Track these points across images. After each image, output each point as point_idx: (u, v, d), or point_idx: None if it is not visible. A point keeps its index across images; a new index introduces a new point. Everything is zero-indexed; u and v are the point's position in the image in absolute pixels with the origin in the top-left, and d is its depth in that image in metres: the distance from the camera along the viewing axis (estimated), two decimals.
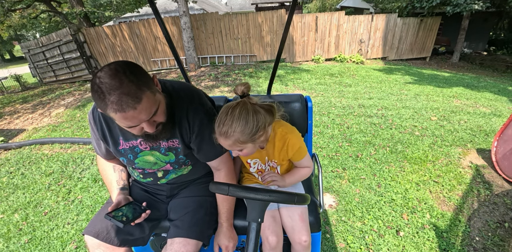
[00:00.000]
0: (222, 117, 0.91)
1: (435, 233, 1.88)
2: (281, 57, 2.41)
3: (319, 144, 3.24)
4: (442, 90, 5.66)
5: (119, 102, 0.73)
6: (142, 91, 0.77)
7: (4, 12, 8.63)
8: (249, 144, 0.94)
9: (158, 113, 0.87)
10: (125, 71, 0.76)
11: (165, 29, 1.36)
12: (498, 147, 2.68)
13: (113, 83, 0.73)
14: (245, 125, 0.89)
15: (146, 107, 0.79)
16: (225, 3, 21.74)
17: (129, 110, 0.75)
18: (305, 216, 1.13)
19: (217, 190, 0.78)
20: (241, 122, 0.88)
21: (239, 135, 0.89)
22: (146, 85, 0.79)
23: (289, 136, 1.08)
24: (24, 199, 2.58)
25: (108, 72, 0.74)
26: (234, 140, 0.90)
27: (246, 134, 0.90)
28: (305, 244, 1.08)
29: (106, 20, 14.41)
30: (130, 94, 0.74)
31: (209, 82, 6.71)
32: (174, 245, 1.01)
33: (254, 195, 0.75)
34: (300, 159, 1.13)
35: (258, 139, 0.95)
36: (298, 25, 8.37)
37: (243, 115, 0.89)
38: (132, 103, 0.74)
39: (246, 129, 0.89)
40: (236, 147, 0.94)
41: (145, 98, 0.77)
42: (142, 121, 0.82)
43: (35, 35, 29.78)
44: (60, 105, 6.24)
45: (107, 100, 0.73)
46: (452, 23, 10.12)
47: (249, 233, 0.80)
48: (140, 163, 1.09)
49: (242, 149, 0.96)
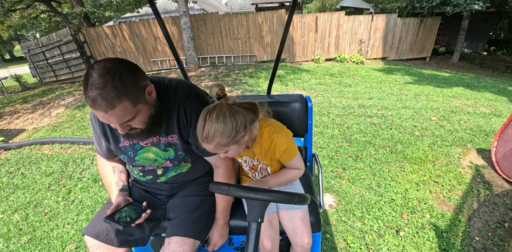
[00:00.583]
0: (201, 122, 0.90)
1: (435, 233, 1.88)
2: (281, 57, 2.41)
3: (319, 144, 3.24)
4: (442, 90, 5.66)
5: (93, 101, 0.76)
6: (120, 99, 0.78)
7: (4, 12, 8.63)
8: (232, 146, 0.92)
9: (134, 122, 0.89)
10: (115, 75, 0.77)
11: (165, 29, 1.36)
12: (498, 147, 2.68)
13: (98, 81, 0.75)
14: (224, 127, 0.87)
15: (118, 114, 0.81)
16: (225, 3, 21.74)
17: (100, 111, 0.78)
18: (307, 219, 1.13)
19: (217, 190, 0.78)
20: (219, 125, 0.87)
21: (219, 139, 0.88)
22: (129, 95, 0.80)
23: (275, 136, 1.03)
24: (24, 199, 2.59)
25: (101, 68, 0.77)
26: (216, 144, 0.89)
27: (226, 137, 0.88)
28: (307, 246, 1.08)
29: (106, 20, 14.43)
30: (106, 99, 0.76)
31: (209, 82, 6.71)
32: (171, 245, 1.01)
33: (254, 195, 0.75)
34: (289, 160, 1.08)
35: (241, 140, 0.93)
36: (298, 25, 8.37)
37: (220, 118, 0.87)
38: (105, 107, 0.77)
39: (226, 132, 0.87)
40: (220, 150, 0.93)
41: (120, 107, 0.79)
42: (112, 123, 0.84)
43: (35, 35, 29.80)
44: (60, 105, 6.24)
45: (87, 92, 0.77)
46: (452, 23, 10.13)
47: (249, 233, 0.81)
48: (140, 160, 1.10)
49: (227, 151, 0.94)
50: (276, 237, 1.11)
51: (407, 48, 9.49)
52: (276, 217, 1.17)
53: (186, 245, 1.01)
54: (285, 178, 1.13)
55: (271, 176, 1.13)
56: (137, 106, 0.85)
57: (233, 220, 1.21)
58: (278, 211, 1.17)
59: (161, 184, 1.19)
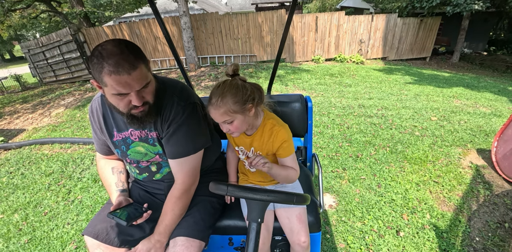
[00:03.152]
0: (214, 90, 0.98)
1: (435, 234, 1.88)
2: (281, 57, 2.41)
3: (319, 144, 3.24)
4: (442, 90, 5.66)
5: (116, 65, 0.80)
6: (138, 62, 0.85)
7: (4, 12, 8.63)
8: (239, 115, 0.98)
9: (148, 90, 0.92)
10: (127, 45, 0.85)
11: (165, 29, 1.36)
12: (498, 147, 2.68)
13: (115, 49, 0.81)
14: (236, 93, 0.95)
15: (139, 77, 0.85)
16: (225, 3, 21.74)
17: (124, 74, 0.81)
18: (304, 217, 1.12)
19: (216, 190, 0.78)
20: (232, 90, 0.95)
21: (231, 103, 0.94)
22: (143, 60, 0.87)
23: (277, 128, 1.08)
24: (24, 199, 2.58)
25: (111, 42, 0.84)
26: (226, 109, 0.95)
27: (237, 103, 0.95)
28: (304, 245, 1.07)
29: (106, 20, 14.43)
30: (128, 61, 0.82)
31: (209, 82, 6.71)
32: (177, 247, 1.00)
33: (253, 195, 0.75)
34: (286, 156, 1.09)
35: (249, 112, 0.99)
36: (298, 25, 8.37)
37: (233, 86, 0.96)
38: (128, 68, 0.81)
39: (237, 97, 0.95)
40: (227, 117, 0.97)
41: (140, 69, 0.85)
42: (133, 89, 0.86)
43: (35, 35, 29.78)
44: (60, 105, 6.24)
45: (105, 62, 0.80)
46: (452, 23, 10.12)
47: (249, 233, 0.80)
48: (132, 155, 1.11)
49: (233, 120, 0.98)
50: (267, 235, 1.11)
51: (407, 48, 9.48)
52: (270, 215, 1.16)
53: (193, 247, 1.01)
54: (284, 173, 1.08)
55: (276, 165, 1.08)
56: (149, 72, 0.91)
57: (233, 220, 1.20)
58: (275, 210, 1.17)
59: (158, 183, 1.19)
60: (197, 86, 6.47)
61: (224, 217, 1.22)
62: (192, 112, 1.05)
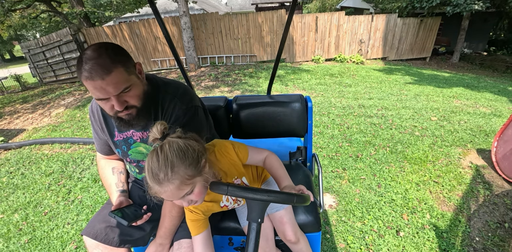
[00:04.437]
0: (152, 160, 0.74)
1: (435, 233, 1.88)
2: (281, 57, 2.41)
3: (319, 144, 3.24)
4: (442, 90, 5.66)
5: (90, 70, 0.79)
6: (114, 65, 0.82)
7: (4, 12, 8.63)
8: (197, 178, 0.78)
9: (130, 94, 0.89)
10: (108, 48, 0.84)
11: (165, 29, 1.36)
12: (498, 148, 2.68)
13: (92, 54, 0.81)
14: (184, 155, 0.74)
15: (115, 81, 0.83)
16: (225, 3, 21.74)
17: (97, 80, 0.80)
18: (286, 218, 1.12)
19: (216, 190, 0.78)
20: (179, 154, 0.74)
21: (183, 169, 0.73)
22: (122, 62, 0.85)
23: (221, 149, 0.96)
24: (24, 199, 2.58)
25: (93, 46, 0.84)
26: (181, 180, 0.73)
27: (191, 165, 0.75)
28: (293, 242, 1.11)
29: (106, 20, 14.43)
30: (102, 65, 0.80)
31: (209, 82, 6.71)
32: (182, 249, 1.00)
33: (253, 195, 0.75)
34: (247, 154, 0.99)
35: (204, 170, 0.80)
36: (298, 25, 8.37)
37: (176, 149, 0.74)
38: (101, 73, 0.80)
39: (188, 159, 0.74)
40: (186, 188, 0.76)
41: (116, 73, 0.82)
42: (110, 95, 0.84)
43: (35, 35, 29.77)
44: (60, 105, 6.24)
45: (82, 68, 0.80)
46: (452, 23, 10.12)
47: (249, 233, 0.80)
48: (133, 155, 1.11)
49: (193, 189, 0.78)
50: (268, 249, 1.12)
51: (407, 48, 9.49)
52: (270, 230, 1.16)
53: None
54: (276, 166, 1.02)
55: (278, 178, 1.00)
56: (131, 75, 0.88)
57: (233, 221, 1.21)
58: (269, 215, 1.17)
59: None
60: (197, 86, 6.47)
61: (224, 217, 1.22)
62: (193, 115, 1.05)
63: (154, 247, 1.04)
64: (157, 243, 1.04)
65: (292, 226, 1.12)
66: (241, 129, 1.61)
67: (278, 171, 1.01)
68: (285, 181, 0.98)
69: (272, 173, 1.03)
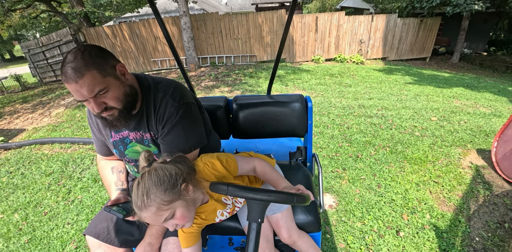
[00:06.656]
0: (134, 192, 0.78)
1: (435, 234, 1.88)
2: (281, 57, 2.41)
3: (319, 144, 3.24)
4: (442, 91, 5.66)
5: (65, 74, 0.82)
6: (88, 68, 0.83)
7: (4, 12, 8.63)
8: (177, 202, 0.79)
9: (108, 96, 0.89)
10: (84, 51, 0.85)
11: (165, 29, 1.36)
12: (498, 148, 2.68)
13: (69, 57, 0.84)
14: (159, 181, 0.77)
15: (88, 84, 0.84)
16: (225, 3, 21.74)
17: (72, 82, 0.83)
18: (282, 221, 1.12)
19: (216, 190, 0.78)
20: (153, 180, 0.77)
21: (159, 195, 0.76)
22: (96, 65, 0.85)
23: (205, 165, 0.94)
24: (24, 199, 2.58)
25: (73, 50, 0.87)
26: (158, 205, 0.76)
27: (167, 190, 0.77)
28: (289, 241, 1.12)
29: (106, 20, 14.42)
30: (75, 69, 0.82)
31: (209, 82, 6.71)
32: (169, 245, 1.01)
33: (253, 195, 0.75)
34: (236, 166, 0.97)
35: (187, 193, 0.82)
36: (298, 25, 8.37)
37: (152, 175, 0.78)
38: (74, 77, 0.82)
39: (164, 184, 0.77)
40: (165, 213, 0.78)
41: (88, 76, 0.83)
42: (86, 97, 0.86)
43: (35, 35, 29.76)
44: (60, 105, 6.24)
45: (62, 71, 0.84)
46: (452, 23, 10.12)
47: (249, 233, 0.80)
48: (130, 154, 1.12)
49: (174, 212, 0.80)
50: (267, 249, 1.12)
51: (407, 48, 9.49)
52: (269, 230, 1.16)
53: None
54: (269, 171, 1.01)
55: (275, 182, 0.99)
56: (107, 77, 0.88)
57: (233, 220, 1.21)
58: (267, 217, 1.17)
59: None
60: (197, 86, 6.47)
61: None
62: (185, 112, 1.04)
63: (143, 246, 1.02)
64: (146, 242, 1.03)
65: (287, 229, 1.12)
66: (241, 129, 1.61)
67: (271, 175, 1.00)
68: (283, 183, 0.97)
69: (267, 179, 1.01)
